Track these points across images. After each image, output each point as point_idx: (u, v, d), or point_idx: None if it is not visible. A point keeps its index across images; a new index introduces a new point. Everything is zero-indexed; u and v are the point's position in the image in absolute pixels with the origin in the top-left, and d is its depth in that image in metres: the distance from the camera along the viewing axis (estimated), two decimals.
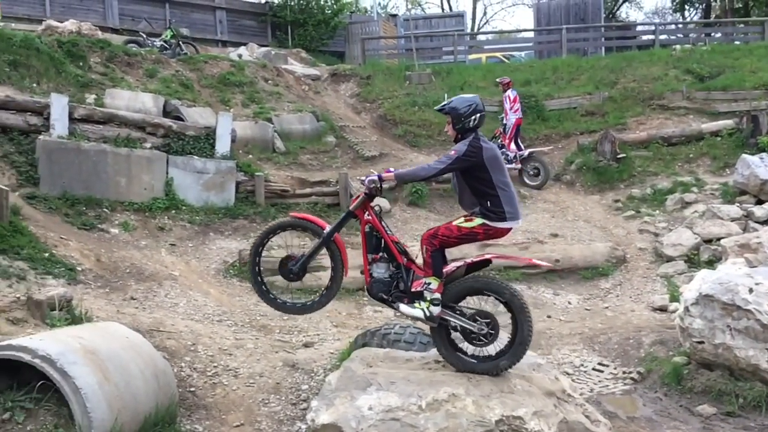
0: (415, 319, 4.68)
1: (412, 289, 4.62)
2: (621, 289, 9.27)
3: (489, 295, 4.57)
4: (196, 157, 10.96)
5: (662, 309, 8.17)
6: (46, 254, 7.66)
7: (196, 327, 6.82)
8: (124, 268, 8.20)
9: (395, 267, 4.72)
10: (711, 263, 8.79)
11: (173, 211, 10.31)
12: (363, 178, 4.74)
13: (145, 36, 16.56)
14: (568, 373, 6.37)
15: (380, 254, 4.72)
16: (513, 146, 13.67)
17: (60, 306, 5.65)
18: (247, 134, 12.97)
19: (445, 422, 3.99)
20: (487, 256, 4.72)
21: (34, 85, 11.12)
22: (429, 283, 4.56)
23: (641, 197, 12.51)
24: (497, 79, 14.49)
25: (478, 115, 4.62)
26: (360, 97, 17.86)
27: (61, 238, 8.35)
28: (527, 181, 13.55)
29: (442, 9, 38.40)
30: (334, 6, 24.54)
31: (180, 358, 5.91)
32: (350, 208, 4.76)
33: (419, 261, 4.75)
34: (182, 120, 12.02)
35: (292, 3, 23.62)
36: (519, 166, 13.53)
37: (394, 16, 28.12)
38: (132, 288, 7.76)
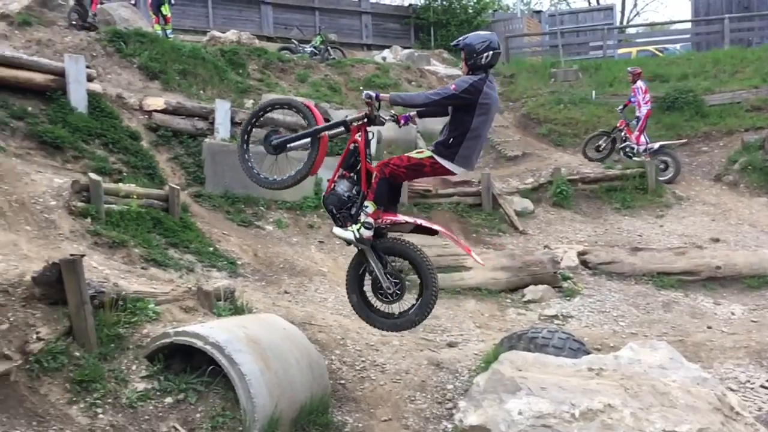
0: (347, 241, 4.80)
1: (359, 217, 4.75)
2: None
3: (409, 264, 4.71)
4: None
5: None
6: (211, 248, 8.29)
7: (344, 322, 7.06)
8: (278, 263, 8.68)
9: (357, 192, 4.83)
10: None
11: (322, 210, 10.70)
12: (365, 91, 4.77)
13: (296, 43, 17.40)
14: (732, 390, 5.91)
15: (351, 174, 4.86)
16: (643, 138, 13.14)
17: (225, 297, 6.08)
18: (391, 135, 13.22)
19: None
20: (436, 228, 4.78)
21: (201, 92, 12.06)
22: (367, 206, 4.69)
23: None
24: (629, 69, 13.86)
25: (491, 52, 4.53)
26: (503, 97, 17.61)
27: (223, 233, 9.00)
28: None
29: (589, 3, 36.92)
30: (477, 5, 24.41)
31: (330, 351, 6.15)
32: (347, 118, 4.85)
33: None
34: None
35: (435, 4, 23.80)
36: (648, 159, 12.89)
37: (538, 12, 27.45)
38: (285, 282, 8.20)
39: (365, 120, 4.73)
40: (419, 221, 4.83)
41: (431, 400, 5.64)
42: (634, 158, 13.03)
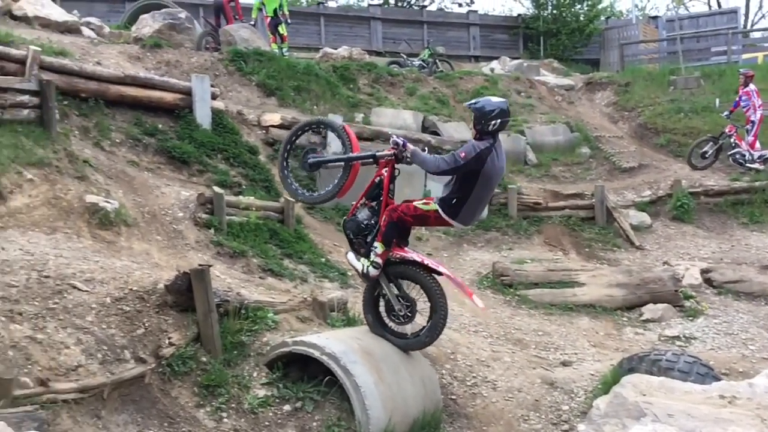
0: (354, 270, 5.30)
1: (369, 254, 5.12)
2: None
3: (420, 288, 5.03)
4: None
5: None
6: (323, 259, 8.50)
7: (454, 336, 7.02)
8: None
9: (375, 222, 5.17)
10: None
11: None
12: (394, 136, 5.12)
13: (405, 57, 17.59)
14: None
15: (373, 204, 5.22)
16: (758, 144, 12.44)
17: (338, 308, 6.22)
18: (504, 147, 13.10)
19: None
20: (443, 270, 5.02)
21: (314, 107, 12.46)
22: (376, 247, 5.06)
23: None
24: (740, 71, 13.19)
25: (500, 120, 4.74)
26: (617, 106, 17.04)
27: (334, 245, 9.20)
28: None
29: (709, 6, 34.94)
30: (589, 13, 23.74)
31: (441, 365, 6.14)
32: (377, 153, 5.17)
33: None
34: (439, 135, 12.56)
35: (545, 13, 23.36)
36: (762, 167, 12.21)
37: (655, 17, 26.26)
38: None
39: (393, 157, 5.05)
40: (426, 261, 5.08)
41: (546, 420, 5.50)
42: (747, 165, 12.39)
